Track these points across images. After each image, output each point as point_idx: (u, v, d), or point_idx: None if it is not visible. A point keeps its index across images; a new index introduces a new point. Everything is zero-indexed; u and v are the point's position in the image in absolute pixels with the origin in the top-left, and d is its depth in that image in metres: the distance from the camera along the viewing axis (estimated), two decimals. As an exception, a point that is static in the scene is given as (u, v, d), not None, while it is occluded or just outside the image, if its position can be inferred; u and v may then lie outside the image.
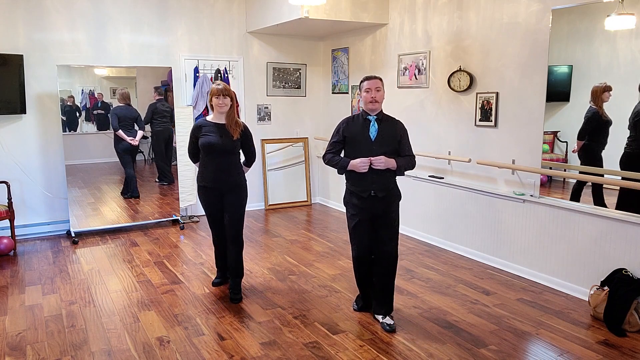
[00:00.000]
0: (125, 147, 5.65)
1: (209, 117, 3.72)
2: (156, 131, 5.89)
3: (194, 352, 3.01)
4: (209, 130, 3.64)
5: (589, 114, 3.79)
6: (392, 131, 3.30)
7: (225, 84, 3.69)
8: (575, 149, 3.94)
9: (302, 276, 4.28)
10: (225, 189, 3.70)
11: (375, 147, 3.24)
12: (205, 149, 3.64)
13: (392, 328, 3.28)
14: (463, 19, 4.66)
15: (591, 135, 3.83)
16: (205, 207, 3.81)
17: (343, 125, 3.36)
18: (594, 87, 3.73)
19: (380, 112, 3.30)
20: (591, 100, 3.75)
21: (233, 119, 3.67)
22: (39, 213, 5.49)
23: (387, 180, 3.27)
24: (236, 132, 3.65)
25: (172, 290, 3.97)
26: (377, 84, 3.26)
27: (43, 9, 5.26)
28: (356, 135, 3.28)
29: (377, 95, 3.23)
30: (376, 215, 3.30)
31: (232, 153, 3.69)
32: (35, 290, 3.98)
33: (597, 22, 3.69)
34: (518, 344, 3.12)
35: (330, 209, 6.75)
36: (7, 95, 5.06)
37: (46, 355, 2.98)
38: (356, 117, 3.36)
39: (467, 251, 4.79)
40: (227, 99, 3.61)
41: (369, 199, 3.27)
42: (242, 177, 3.79)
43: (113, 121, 5.56)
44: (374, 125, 3.27)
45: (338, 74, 6.58)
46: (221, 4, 6.16)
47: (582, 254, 3.81)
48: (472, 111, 4.64)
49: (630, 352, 3.02)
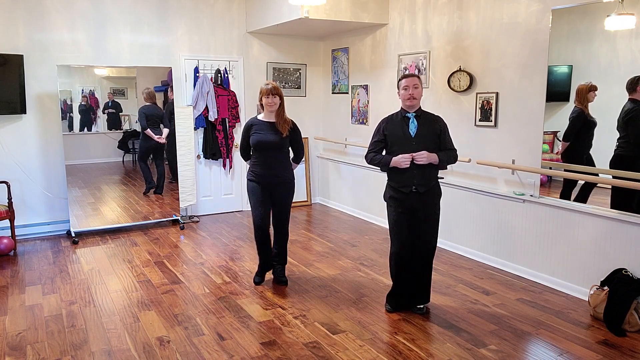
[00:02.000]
0: (149, 145, 5.71)
1: (260, 116, 3.90)
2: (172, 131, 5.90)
3: (194, 352, 3.01)
4: (259, 128, 3.82)
5: (573, 114, 3.76)
6: (431, 127, 3.37)
7: (274, 83, 3.84)
8: (559, 151, 3.93)
9: (302, 276, 4.28)
10: (275, 184, 3.86)
11: (415, 143, 3.30)
12: (256, 146, 3.82)
13: (423, 311, 3.51)
14: (463, 19, 4.66)
15: (576, 136, 3.79)
16: (253, 200, 3.92)
17: (383, 125, 3.44)
18: (579, 86, 3.70)
19: (419, 109, 3.38)
20: (576, 99, 3.71)
21: (282, 116, 3.83)
22: (39, 213, 5.49)
23: (429, 175, 3.34)
24: (285, 130, 3.81)
25: (172, 290, 3.97)
26: (415, 81, 3.31)
27: (43, 9, 5.26)
28: (396, 133, 3.36)
29: (415, 93, 3.30)
30: (418, 210, 3.36)
31: (281, 150, 3.85)
32: (35, 290, 3.98)
33: (597, 22, 3.69)
34: (518, 344, 3.12)
35: (331, 209, 6.75)
36: (7, 95, 5.06)
37: (46, 355, 2.99)
38: (395, 116, 3.43)
39: (467, 251, 4.79)
40: (277, 98, 3.78)
41: (410, 194, 3.33)
42: (291, 173, 3.96)
43: (141, 120, 5.63)
44: (413, 122, 3.35)
45: (338, 74, 6.58)
46: (221, 4, 6.16)
47: (582, 254, 3.81)
48: (472, 111, 4.64)
49: (630, 352, 3.02)
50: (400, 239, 3.43)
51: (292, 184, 3.96)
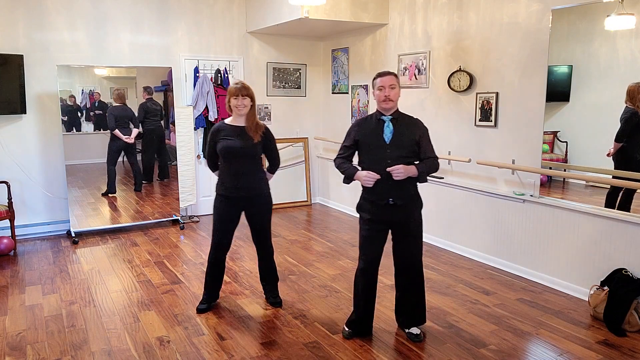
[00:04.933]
0: (118, 145, 5.68)
1: (228, 120, 3.44)
2: (148, 130, 5.90)
3: (194, 352, 3.01)
4: (227, 134, 3.35)
5: (626, 115, 3.51)
6: (409, 132, 2.99)
7: (243, 82, 3.40)
8: (610, 152, 3.64)
9: (302, 276, 4.28)
10: (246, 199, 3.42)
11: (390, 151, 2.95)
12: (224, 154, 3.36)
13: (419, 338, 3.12)
14: (463, 19, 4.66)
15: (630, 137, 3.55)
16: (217, 217, 3.44)
17: (355, 128, 3.10)
18: (631, 86, 3.45)
19: (396, 111, 3.01)
20: (627, 99, 3.49)
21: (254, 120, 3.38)
22: (39, 213, 5.49)
23: (406, 189, 2.98)
24: (257, 135, 3.37)
25: (172, 290, 3.97)
26: (391, 80, 2.95)
27: (43, 9, 5.26)
28: (369, 137, 3.01)
29: (391, 93, 2.94)
30: (396, 223, 3.03)
31: (253, 157, 3.40)
32: (35, 290, 3.98)
33: (597, 22, 3.69)
34: (518, 344, 3.12)
35: (331, 209, 6.75)
36: (7, 95, 5.06)
37: (46, 355, 2.99)
38: (369, 118, 3.08)
39: (467, 251, 4.79)
40: (247, 100, 3.33)
41: (387, 206, 2.98)
42: (265, 185, 3.48)
43: (110, 121, 5.58)
44: (389, 126, 2.98)
45: (338, 74, 6.58)
46: (221, 4, 6.16)
47: (582, 254, 3.81)
48: (472, 111, 4.64)
49: (630, 352, 3.02)
50: (368, 254, 3.08)
51: (268, 197, 3.48)
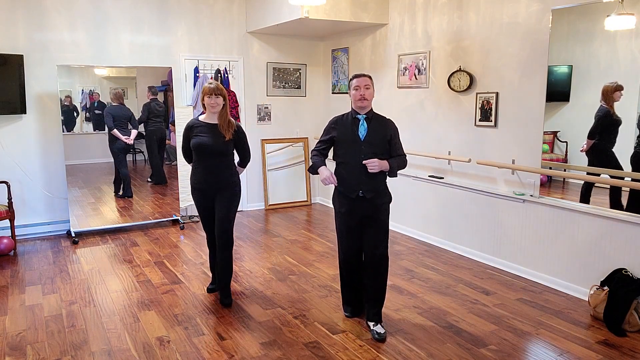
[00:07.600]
0: (120, 146, 5.67)
1: (202, 117, 3.61)
2: (150, 130, 5.90)
3: (194, 352, 3.01)
4: (200, 131, 3.53)
5: (600, 113, 3.72)
6: (382, 130, 3.20)
7: (217, 82, 3.58)
8: (583, 148, 3.86)
9: (302, 276, 4.28)
10: (216, 189, 3.60)
11: (364, 147, 3.15)
12: (196, 150, 3.54)
13: (381, 337, 3.14)
14: (463, 19, 4.66)
15: (601, 134, 3.77)
16: (198, 209, 3.72)
17: (332, 125, 3.29)
18: (605, 87, 3.66)
19: (370, 111, 3.22)
20: (602, 99, 3.68)
21: (226, 119, 3.54)
22: (39, 213, 5.49)
23: (377, 182, 3.18)
24: (229, 133, 3.53)
25: (172, 290, 3.97)
26: (366, 81, 3.17)
27: (43, 9, 5.26)
28: (345, 134, 3.20)
29: (366, 93, 3.15)
30: (365, 216, 3.20)
31: (224, 154, 3.57)
32: (35, 290, 3.98)
33: (597, 22, 3.69)
34: (518, 344, 3.12)
35: (330, 209, 6.75)
36: (7, 95, 5.06)
37: (46, 355, 2.99)
38: (345, 116, 3.28)
39: (467, 251, 4.79)
40: (220, 99, 3.50)
41: (357, 199, 3.17)
42: (235, 177, 3.66)
43: (108, 120, 5.58)
44: (363, 125, 3.18)
45: (338, 74, 6.58)
46: (221, 4, 6.16)
47: (582, 254, 3.81)
48: (472, 111, 4.64)
49: (630, 352, 3.02)
50: (346, 246, 3.30)
51: (237, 187, 3.64)
